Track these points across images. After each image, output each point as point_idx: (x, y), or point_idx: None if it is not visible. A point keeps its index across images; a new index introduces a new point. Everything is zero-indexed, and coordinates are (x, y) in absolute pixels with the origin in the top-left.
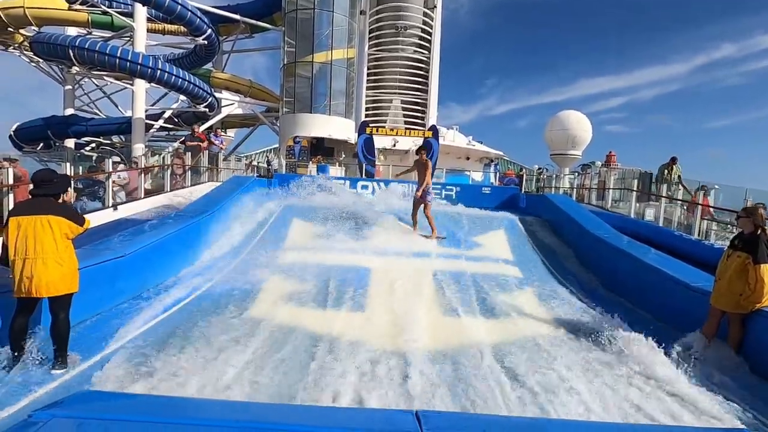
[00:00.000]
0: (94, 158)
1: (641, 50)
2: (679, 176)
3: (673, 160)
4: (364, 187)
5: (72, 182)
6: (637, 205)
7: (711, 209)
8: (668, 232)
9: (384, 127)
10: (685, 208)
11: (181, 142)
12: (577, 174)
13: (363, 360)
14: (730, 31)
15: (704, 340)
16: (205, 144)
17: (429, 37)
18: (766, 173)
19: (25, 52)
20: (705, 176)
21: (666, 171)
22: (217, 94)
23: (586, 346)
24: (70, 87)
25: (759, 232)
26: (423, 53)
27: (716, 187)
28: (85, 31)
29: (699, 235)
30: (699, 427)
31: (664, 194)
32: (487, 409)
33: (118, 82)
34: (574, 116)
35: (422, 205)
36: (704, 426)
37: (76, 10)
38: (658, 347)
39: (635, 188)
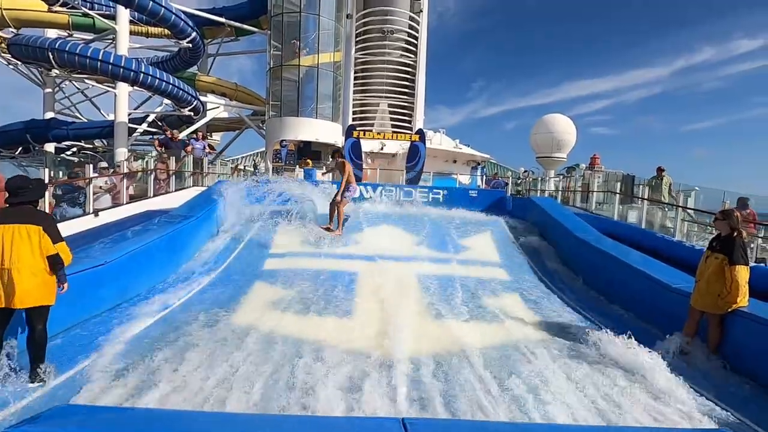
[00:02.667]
0: (75, 162)
1: (625, 53)
2: (670, 185)
3: (660, 170)
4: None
5: (48, 187)
6: (620, 207)
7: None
8: (651, 234)
9: (371, 130)
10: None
11: (159, 145)
12: (562, 177)
13: (350, 367)
14: (713, 33)
15: (685, 341)
16: (189, 148)
17: (415, 41)
18: (746, 173)
19: (3, 54)
20: (688, 178)
21: (654, 183)
22: (202, 98)
23: (571, 347)
24: (50, 90)
25: (735, 234)
26: (410, 57)
27: (696, 189)
28: (65, 34)
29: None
30: (680, 428)
31: (646, 197)
32: (474, 414)
33: (99, 85)
34: (559, 119)
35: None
36: (685, 427)
37: (55, 11)
38: (641, 348)
39: (618, 191)
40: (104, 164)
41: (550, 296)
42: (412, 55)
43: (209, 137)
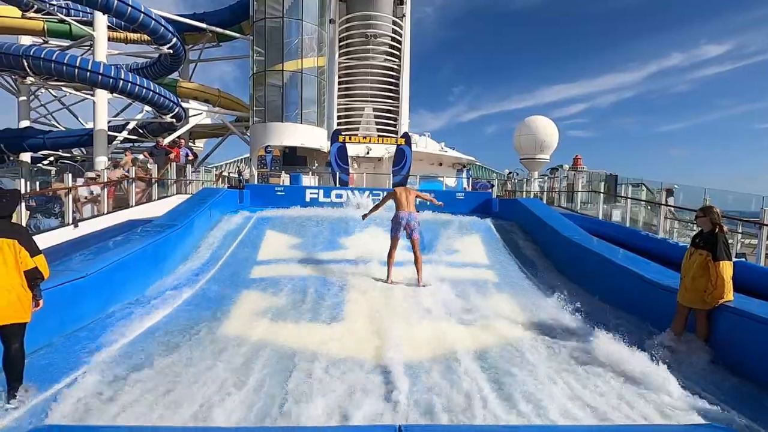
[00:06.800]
0: (53, 172)
1: (598, 59)
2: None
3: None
4: (339, 195)
5: (22, 199)
6: (605, 206)
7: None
8: (636, 233)
9: (357, 135)
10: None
11: (148, 154)
12: (546, 177)
13: (344, 374)
14: (679, 41)
15: (674, 336)
16: (173, 155)
17: (399, 46)
18: (716, 170)
19: None
20: (665, 177)
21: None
22: (184, 104)
23: (563, 346)
24: (24, 98)
25: (717, 230)
26: (393, 61)
27: (675, 186)
28: (40, 41)
29: None
30: (672, 424)
31: (630, 197)
32: (471, 418)
33: (77, 92)
34: (542, 121)
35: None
36: (677, 423)
37: (29, 18)
38: (631, 344)
39: (602, 191)
40: (91, 174)
41: (539, 296)
42: (396, 59)
43: (193, 144)
